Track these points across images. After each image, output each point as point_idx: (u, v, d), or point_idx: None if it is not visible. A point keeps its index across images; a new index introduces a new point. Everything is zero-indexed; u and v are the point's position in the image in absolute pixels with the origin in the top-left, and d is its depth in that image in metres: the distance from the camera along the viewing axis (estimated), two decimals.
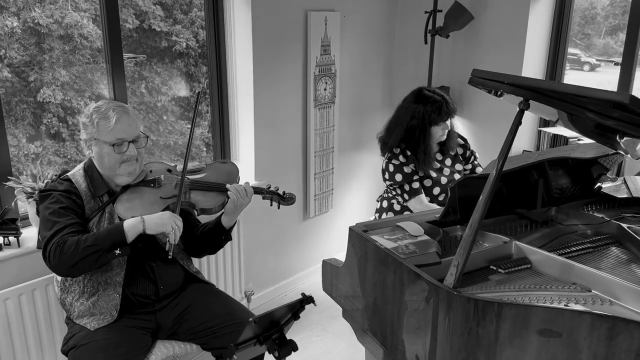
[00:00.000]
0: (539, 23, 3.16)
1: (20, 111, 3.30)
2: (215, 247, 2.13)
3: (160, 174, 2.01)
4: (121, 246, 1.72)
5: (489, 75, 1.37)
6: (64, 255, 1.68)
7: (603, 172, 2.25)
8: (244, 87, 2.94)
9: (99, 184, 1.90)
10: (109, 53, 2.46)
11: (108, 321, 1.84)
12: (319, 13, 3.10)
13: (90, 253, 1.69)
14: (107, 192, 1.91)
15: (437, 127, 2.58)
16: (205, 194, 2.00)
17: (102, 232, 1.74)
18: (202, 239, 2.09)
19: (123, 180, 1.90)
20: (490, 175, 1.48)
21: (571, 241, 1.86)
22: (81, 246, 1.68)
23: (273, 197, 2.09)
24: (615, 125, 1.48)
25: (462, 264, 1.42)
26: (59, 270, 1.73)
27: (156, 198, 1.93)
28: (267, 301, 3.30)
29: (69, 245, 1.68)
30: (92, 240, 1.70)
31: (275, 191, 2.09)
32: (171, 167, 2.07)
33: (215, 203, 1.99)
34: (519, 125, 1.43)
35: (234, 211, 2.01)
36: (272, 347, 1.53)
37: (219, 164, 2.13)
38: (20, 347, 2.12)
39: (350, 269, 1.82)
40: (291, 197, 2.10)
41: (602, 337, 1.25)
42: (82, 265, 1.71)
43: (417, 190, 2.59)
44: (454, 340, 1.41)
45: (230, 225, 2.05)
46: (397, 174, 2.60)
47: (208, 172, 2.08)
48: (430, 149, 2.61)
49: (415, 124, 2.57)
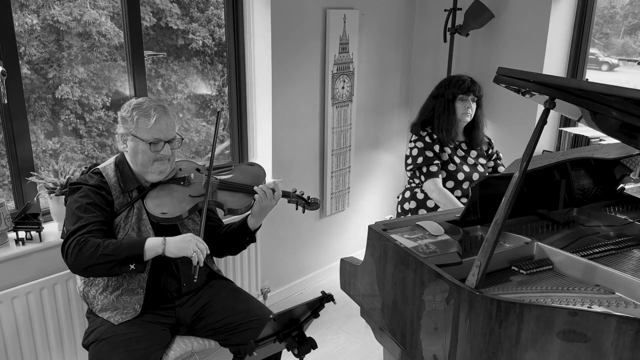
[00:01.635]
0: (561, 22, 3.12)
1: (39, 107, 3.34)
2: (237, 249, 2.15)
3: (190, 172, 2.04)
4: (137, 262, 1.72)
5: (515, 73, 1.35)
6: (82, 255, 1.69)
7: (626, 172, 2.21)
8: (263, 85, 2.95)
9: (129, 179, 1.92)
10: (130, 50, 2.48)
11: (131, 316, 1.86)
12: (337, 11, 3.09)
13: (106, 261, 1.69)
14: (137, 187, 1.93)
15: (460, 103, 2.71)
16: (233, 194, 2.03)
17: (124, 243, 1.74)
18: (226, 239, 2.10)
19: (154, 177, 1.92)
20: (513, 175, 1.46)
21: (593, 242, 1.84)
22: (99, 252, 1.69)
23: (299, 202, 2.10)
24: None
25: (485, 264, 1.41)
26: (74, 268, 1.74)
27: (185, 196, 1.95)
28: (283, 298, 3.30)
29: (89, 247, 1.69)
30: (112, 249, 1.70)
31: (301, 195, 2.10)
32: (200, 167, 2.10)
33: (243, 204, 2.01)
34: (544, 124, 1.41)
35: (260, 212, 2.02)
36: (291, 344, 1.53)
37: (247, 166, 2.16)
38: (41, 340, 2.15)
39: (369, 267, 1.82)
40: (316, 202, 2.12)
41: (628, 340, 1.23)
42: (95, 270, 1.72)
43: (434, 174, 2.68)
44: (475, 342, 1.40)
45: (255, 227, 2.07)
46: (419, 157, 2.70)
47: (236, 173, 2.11)
48: (452, 122, 2.72)
49: (440, 99, 2.74)
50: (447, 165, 2.71)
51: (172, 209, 1.89)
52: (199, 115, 4.05)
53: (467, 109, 2.70)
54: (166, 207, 1.89)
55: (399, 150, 3.90)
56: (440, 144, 2.72)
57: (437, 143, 2.72)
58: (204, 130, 4.09)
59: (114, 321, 1.85)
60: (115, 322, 1.84)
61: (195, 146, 4.06)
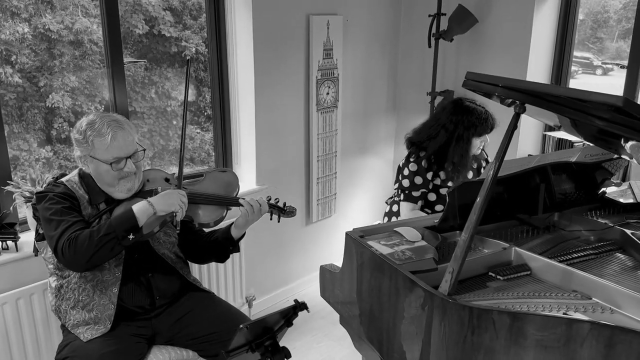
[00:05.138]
0: (544, 26, 3.12)
1: (31, 116, 3.32)
2: (222, 257, 2.11)
3: (158, 183, 1.97)
4: (134, 231, 1.69)
5: (484, 77, 1.34)
6: (79, 250, 1.66)
7: (607, 176, 2.21)
8: (246, 92, 2.93)
9: (96, 192, 1.86)
10: (109, 56, 2.46)
11: (102, 332, 1.81)
12: (321, 17, 3.08)
13: (106, 242, 1.66)
14: (104, 200, 1.87)
15: (478, 139, 2.56)
16: (204, 207, 1.97)
17: (113, 220, 1.70)
18: (209, 248, 2.07)
19: (121, 196, 1.85)
20: (485, 178, 1.45)
21: (573, 247, 1.82)
22: (95, 237, 1.66)
23: (273, 211, 2.04)
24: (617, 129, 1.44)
25: (457, 270, 1.39)
26: (75, 266, 1.71)
27: None
28: (269, 307, 3.27)
29: (83, 240, 1.66)
30: (106, 229, 1.67)
31: (275, 204, 2.04)
32: (169, 176, 2.02)
33: (213, 218, 1.96)
34: (514, 129, 1.41)
35: (244, 225, 1.99)
36: (265, 354, 1.51)
37: (218, 173, 2.09)
38: (18, 351, 2.12)
39: (346, 275, 1.80)
40: (292, 211, 2.06)
41: (601, 346, 1.21)
42: (98, 257, 1.68)
43: (414, 198, 2.59)
44: (449, 349, 1.38)
45: (239, 237, 2.04)
46: (406, 179, 2.59)
47: (207, 182, 2.04)
48: (467, 158, 2.57)
49: (461, 134, 2.53)
50: (439, 189, 2.62)
51: None
52: (192, 122, 4.03)
53: (482, 143, 2.59)
54: None
55: (386, 155, 3.88)
56: (437, 169, 2.60)
57: (433, 169, 2.59)
58: (198, 137, 4.08)
59: (84, 338, 1.80)
60: (85, 338, 1.80)
61: (189, 153, 4.05)
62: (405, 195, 2.60)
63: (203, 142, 4.13)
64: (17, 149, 3.26)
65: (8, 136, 2.22)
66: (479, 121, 2.51)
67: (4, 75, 3.05)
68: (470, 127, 2.52)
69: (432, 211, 2.63)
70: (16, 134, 3.26)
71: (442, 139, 2.54)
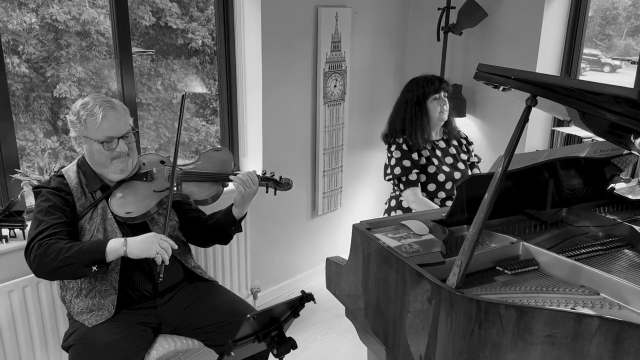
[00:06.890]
0: (554, 21, 3.09)
1: (38, 106, 3.32)
2: (225, 239, 2.11)
3: (153, 165, 1.98)
4: (99, 264, 1.70)
5: (496, 70, 1.33)
6: (45, 260, 1.67)
7: (616, 172, 2.19)
8: (253, 84, 2.93)
9: (92, 179, 1.88)
10: (118, 47, 2.46)
11: (106, 317, 1.83)
12: (329, 9, 3.07)
13: (69, 264, 1.67)
14: (100, 187, 1.89)
15: (433, 102, 2.65)
16: (199, 185, 1.97)
17: (85, 246, 1.71)
18: (211, 229, 2.06)
19: (115, 177, 1.88)
20: (495, 172, 1.44)
21: (581, 243, 1.81)
22: (61, 255, 1.67)
23: (269, 184, 2.02)
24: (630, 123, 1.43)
25: (465, 263, 1.39)
26: (38, 273, 1.72)
27: (149, 192, 1.90)
28: (274, 298, 3.28)
29: (51, 252, 1.67)
30: (73, 252, 1.68)
31: (271, 177, 2.02)
32: (164, 159, 2.04)
33: (209, 194, 1.96)
34: (525, 122, 1.39)
35: (242, 202, 1.98)
36: (271, 344, 1.51)
37: (213, 152, 2.09)
38: (25, 339, 2.13)
39: (353, 267, 1.79)
40: (287, 183, 2.02)
41: (609, 342, 1.21)
42: (60, 273, 1.70)
43: (413, 182, 2.62)
44: (456, 342, 1.38)
45: (240, 217, 2.03)
46: (396, 167, 2.65)
47: (201, 162, 2.05)
48: (427, 125, 2.66)
49: (411, 103, 2.66)
50: (426, 168, 2.65)
51: (136, 208, 1.83)
52: (198, 114, 4.03)
53: (442, 105, 2.65)
54: (130, 206, 1.84)
55: None
56: (417, 148, 2.65)
57: (414, 150, 2.65)
58: (204, 129, 4.08)
59: (89, 324, 1.82)
60: (90, 324, 1.81)
61: (194, 146, 4.05)
62: (404, 182, 2.63)
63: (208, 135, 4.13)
64: (23, 139, 3.27)
65: (15, 126, 2.23)
66: (424, 83, 2.66)
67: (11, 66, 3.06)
68: (417, 89, 2.66)
69: (427, 193, 2.66)
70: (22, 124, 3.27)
71: (402, 113, 2.69)
